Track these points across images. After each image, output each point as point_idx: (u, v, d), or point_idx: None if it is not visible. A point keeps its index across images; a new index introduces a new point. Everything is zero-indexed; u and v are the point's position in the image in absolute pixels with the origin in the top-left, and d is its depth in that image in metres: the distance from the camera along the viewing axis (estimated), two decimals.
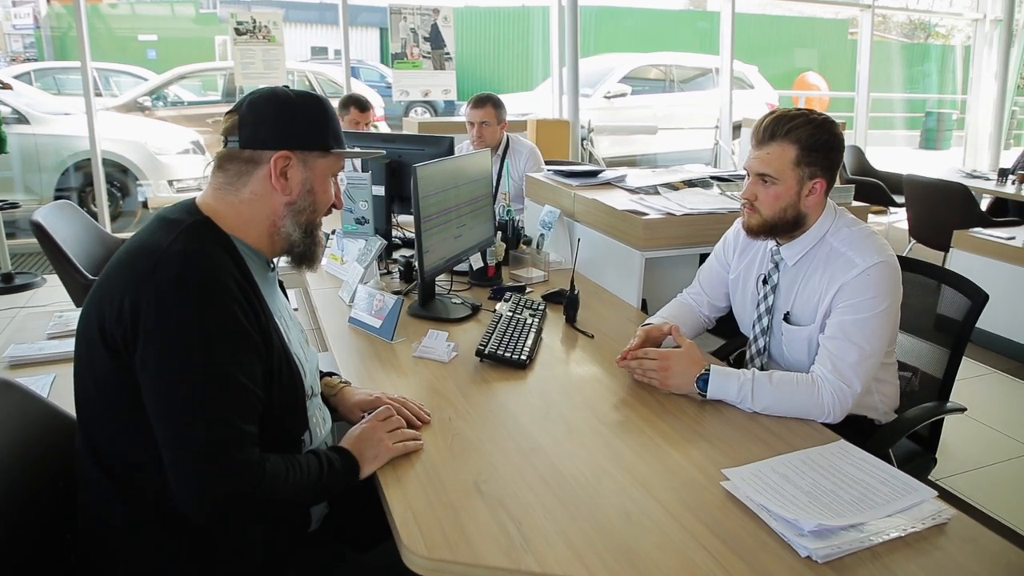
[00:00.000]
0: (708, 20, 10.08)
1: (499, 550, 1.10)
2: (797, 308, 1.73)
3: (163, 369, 1.08)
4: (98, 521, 1.20)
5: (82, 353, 1.16)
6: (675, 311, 1.99)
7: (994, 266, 3.79)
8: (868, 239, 1.64)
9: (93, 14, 9.08)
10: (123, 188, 6.37)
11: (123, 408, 1.12)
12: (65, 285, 2.93)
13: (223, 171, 1.24)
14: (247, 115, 1.23)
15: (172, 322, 1.08)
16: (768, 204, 1.66)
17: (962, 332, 1.86)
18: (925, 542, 1.14)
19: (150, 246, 1.14)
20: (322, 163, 1.29)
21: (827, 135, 1.61)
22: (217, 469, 1.08)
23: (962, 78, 10.34)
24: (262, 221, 1.25)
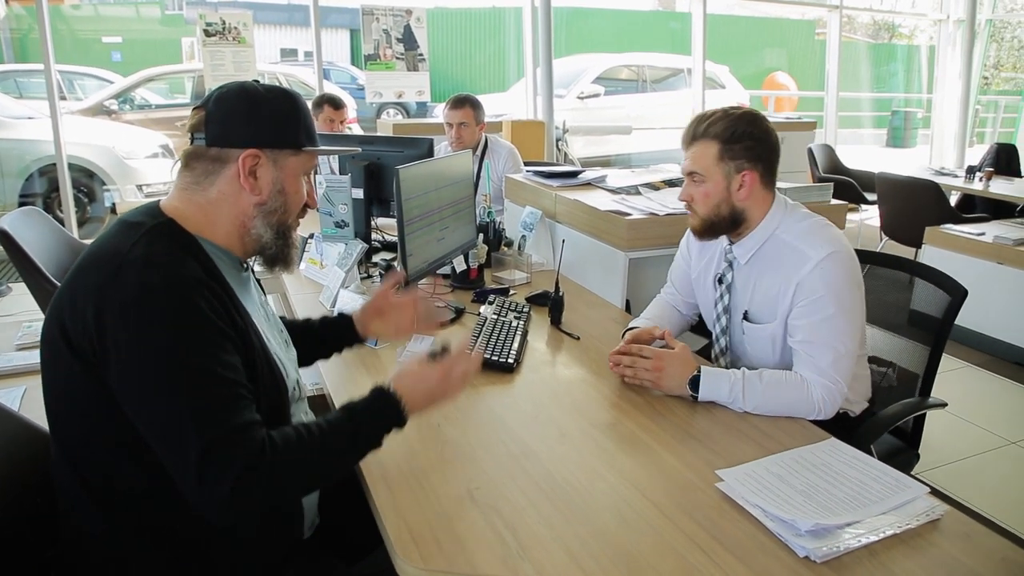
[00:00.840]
0: (679, 21, 10.16)
1: (496, 558, 1.08)
2: (755, 306, 1.73)
3: (141, 381, 1.03)
4: (79, 533, 1.16)
5: (48, 361, 1.12)
6: (658, 311, 1.99)
7: (966, 262, 3.86)
8: (819, 231, 1.64)
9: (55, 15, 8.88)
10: (90, 193, 6.24)
11: (95, 416, 1.08)
12: (33, 293, 2.85)
13: (189, 170, 1.19)
14: (214, 111, 1.17)
15: (141, 331, 1.03)
16: (701, 203, 1.68)
17: (942, 327, 1.87)
18: (921, 539, 1.14)
19: (110, 251, 1.09)
20: (293, 162, 1.23)
21: (745, 126, 1.62)
22: (221, 471, 1.01)
23: (927, 77, 10.53)
24: (230, 221, 1.20)
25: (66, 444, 1.14)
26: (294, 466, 1.08)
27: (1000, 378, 3.60)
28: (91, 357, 1.04)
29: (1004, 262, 3.75)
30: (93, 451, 1.11)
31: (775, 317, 1.67)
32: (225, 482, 1.00)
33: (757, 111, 1.67)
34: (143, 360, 1.03)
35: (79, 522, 1.15)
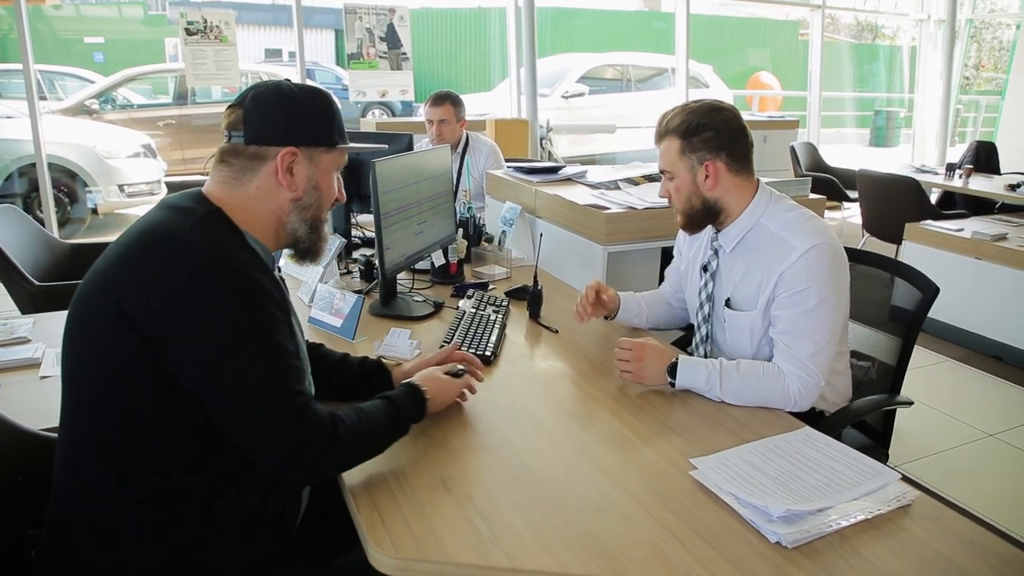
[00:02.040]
0: (664, 20, 10.19)
1: (468, 547, 1.08)
2: (738, 293, 1.74)
3: (219, 358, 1.08)
4: (69, 521, 1.15)
5: (87, 346, 1.12)
6: (652, 297, 2.02)
7: (945, 257, 3.90)
8: (806, 222, 1.65)
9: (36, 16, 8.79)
10: (71, 193, 6.19)
11: (147, 395, 1.09)
12: (10, 292, 2.82)
13: (227, 165, 1.22)
14: (252, 110, 1.21)
15: (217, 310, 1.07)
16: (675, 198, 1.72)
17: (913, 323, 1.87)
18: (891, 523, 1.15)
19: (169, 234, 1.12)
20: (327, 159, 1.28)
21: (701, 117, 1.63)
22: (301, 437, 1.11)
23: (909, 77, 10.62)
24: (268, 217, 1.24)
25: (96, 428, 1.12)
26: (358, 440, 1.20)
27: (979, 372, 3.64)
28: (154, 338, 1.06)
29: (982, 258, 3.79)
30: (130, 435, 1.11)
31: (755, 306, 1.68)
32: (311, 447, 1.11)
33: (719, 102, 1.68)
34: (221, 338, 1.07)
35: (79, 510, 1.14)
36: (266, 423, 1.10)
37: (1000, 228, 3.99)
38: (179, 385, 1.09)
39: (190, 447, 1.13)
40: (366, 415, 1.23)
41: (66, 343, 1.17)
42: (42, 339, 1.95)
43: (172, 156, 7.17)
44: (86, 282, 1.16)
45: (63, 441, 1.17)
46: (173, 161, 7.13)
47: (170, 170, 6.92)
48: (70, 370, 1.16)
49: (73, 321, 1.15)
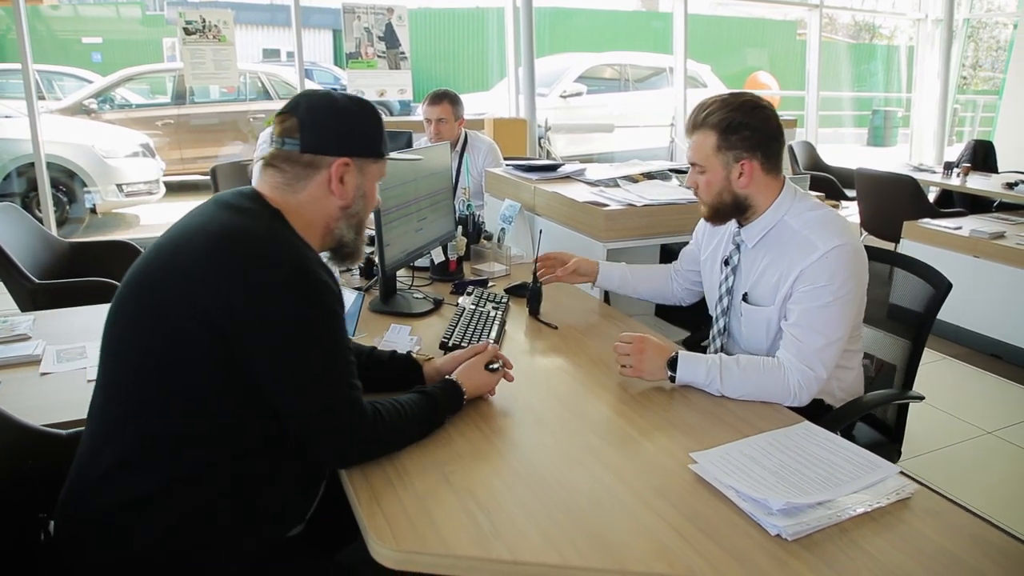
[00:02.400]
0: (661, 20, 10.20)
1: (469, 539, 1.09)
2: (757, 289, 1.74)
3: (293, 351, 1.15)
4: (90, 507, 1.15)
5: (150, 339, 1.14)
6: (645, 269, 2.06)
7: (943, 255, 3.90)
8: (831, 222, 1.64)
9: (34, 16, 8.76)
10: (69, 193, 6.18)
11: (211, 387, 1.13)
12: (10, 290, 2.82)
13: (280, 171, 1.27)
14: (308, 120, 1.26)
15: (293, 308, 1.14)
16: (704, 191, 1.70)
17: (925, 319, 1.86)
18: (891, 516, 1.15)
19: (245, 234, 1.17)
20: (374, 168, 1.35)
21: (743, 116, 1.62)
22: (352, 427, 1.21)
23: (906, 77, 10.63)
24: (317, 222, 1.30)
25: (147, 417, 1.14)
26: (395, 432, 1.29)
27: (977, 370, 3.64)
28: (229, 334, 1.11)
29: (980, 256, 3.79)
30: (184, 425, 1.14)
31: (773, 301, 1.68)
32: (360, 431, 1.21)
33: (758, 98, 1.66)
34: (295, 333, 1.14)
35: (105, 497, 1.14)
36: (325, 412, 1.19)
37: (998, 226, 4.00)
38: (244, 377, 1.14)
39: (242, 438, 1.17)
40: (403, 407, 1.31)
41: (118, 335, 1.19)
42: (42, 336, 1.96)
43: (170, 156, 7.16)
44: (143, 276, 1.20)
45: (98, 428, 1.18)
46: (171, 161, 7.12)
47: (168, 170, 6.91)
48: (122, 360, 1.18)
49: (129, 314, 1.18)
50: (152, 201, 6.55)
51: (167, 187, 6.69)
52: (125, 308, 1.20)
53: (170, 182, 6.87)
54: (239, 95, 7.54)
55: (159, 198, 6.57)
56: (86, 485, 1.16)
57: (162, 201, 6.61)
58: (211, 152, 7.26)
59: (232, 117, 7.47)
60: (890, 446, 1.91)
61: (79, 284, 2.81)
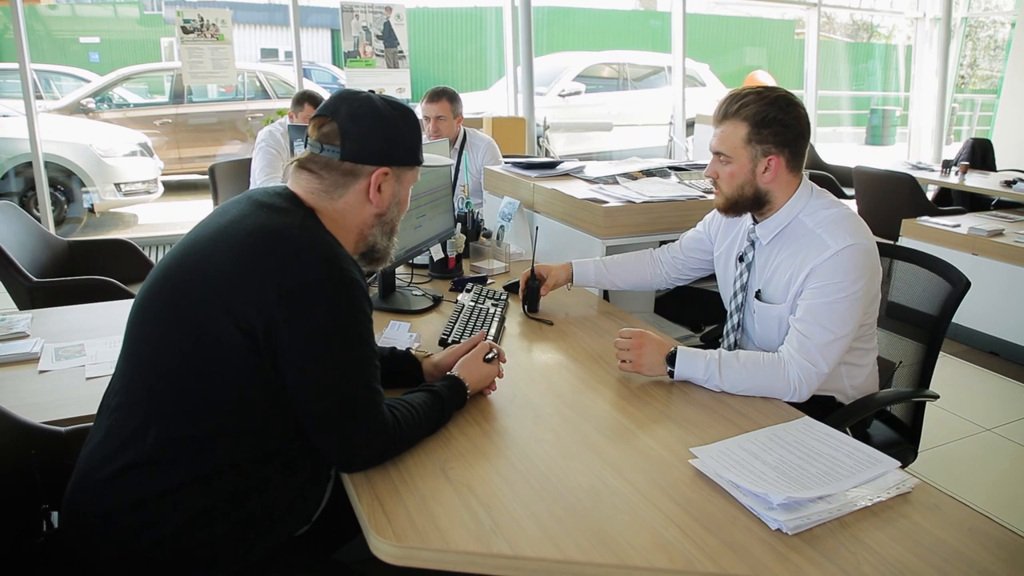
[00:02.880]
0: (660, 19, 10.20)
1: (469, 535, 1.08)
2: (770, 286, 1.74)
3: (325, 353, 1.15)
4: (102, 500, 1.14)
5: (178, 335, 1.14)
6: (625, 258, 2.07)
7: (941, 253, 3.84)
8: (844, 221, 1.63)
9: (31, 16, 8.76)
10: (67, 192, 6.17)
11: (238, 386, 1.13)
12: (8, 288, 2.82)
13: (317, 177, 1.26)
14: (351, 128, 1.25)
15: (328, 309, 1.14)
16: (726, 182, 1.69)
17: (943, 316, 1.84)
18: (891, 511, 1.15)
19: (281, 233, 1.16)
20: (410, 175, 1.35)
21: (777, 111, 1.61)
22: (372, 431, 1.20)
23: (905, 76, 10.64)
24: (352, 229, 1.29)
25: (169, 412, 1.13)
26: (410, 434, 1.29)
27: (975, 367, 3.65)
28: (260, 333, 1.10)
29: (979, 253, 3.80)
30: (207, 423, 1.13)
31: (785, 299, 1.68)
32: (380, 436, 1.21)
33: (791, 95, 1.65)
34: (328, 335, 1.14)
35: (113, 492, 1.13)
36: (347, 414, 1.18)
37: (996, 224, 4.00)
38: (273, 378, 1.13)
39: (262, 439, 1.17)
40: (416, 409, 1.31)
41: (144, 333, 1.19)
42: (40, 334, 1.95)
43: (168, 155, 7.15)
44: (174, 274, 1.19)
45: (116, 425, 1.17)
46: (170, 160, 7.11)
47: (167, 169, 6.91)
48: (147, 359, 1.17)
49: (158, 312, 1.18)
50: (150, 200, 6.54)
51: (165, 186, 6.69)
52: (153, 307, 1.19)
53: (168, 181, 6.86)
54: (237, 94, 7.54)
55: (157, 197, 6.56)
56: (99, 480, 1.15)
57: (160, 200, 6.61)
58: (209, 151, 7.26)
59: (230, 116, 7.46)
60: (906, 446, 1.88)
61: (77, 283, 2.80)
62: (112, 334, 1.93)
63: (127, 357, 1.21)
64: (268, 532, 1.20)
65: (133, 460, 1.13)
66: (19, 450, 1.30)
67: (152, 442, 1.13)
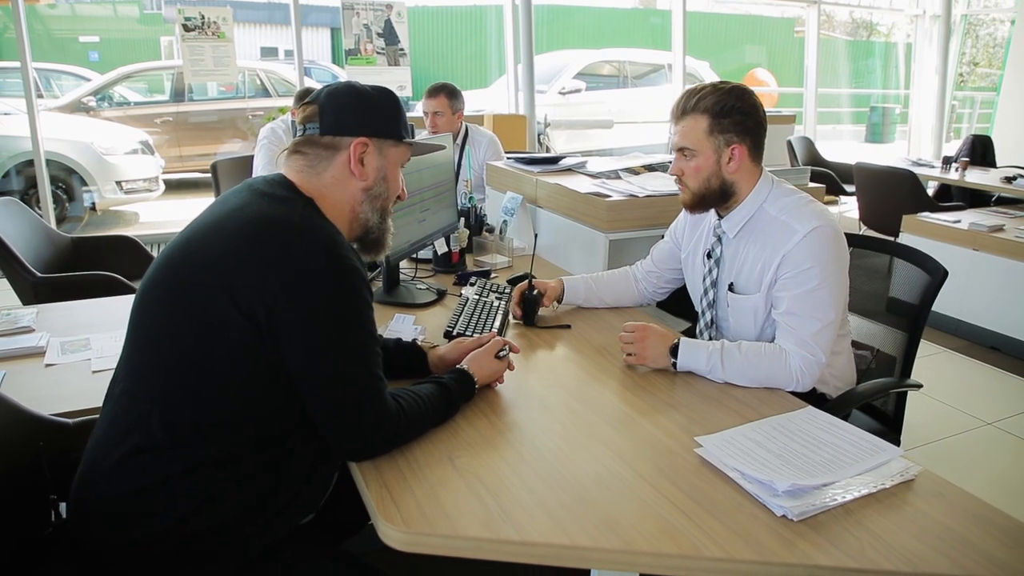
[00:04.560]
0: (660, 17, 10.21)
1: (477, 521, 1.09)
2: (741, 278, 1.75)
3: (328, 340, 1.15)
4: (109, 488, 1.15)
5: (182, 325, 1.15)
6: (608, 276, 2.07)
7: (942, 248, 3.91)
8: (806, 205, 1.66)
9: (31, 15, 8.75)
10: (69, 190, 6.17)
11: (240, 374, 1.14)
12: (12, 283, 2.83)
13: (302, 155, 1.29)
14: (327, 104, 1.29)
15: (330, 296, 1.15)
16: (692, 177, 1.70)
17: (922, 307, 1.86)
18: (895, 498, 1.16)
19: (281, 221, 1.18)
20: (394, 152, 1.36)
21: (735, 100, 1.64)
22: (375, 418, 1.21)
23: (904, 74, 10.65)
24: (344, 206, 1.31)
25: (174, 401, 1.14)
26: (415, 424, 1.30)
27: (976, 362, 3.65)
28: (263, 321, 1.12)
29: (980, 249, 3.81)
30: (211, 411, 1.14)
31: (759, 288, 1.69)
32: (383, 424, 1.22)
33: (745, 86, 1.68)
34: (331, 322, 1.15)
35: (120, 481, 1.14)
36: (351, 403, 1.19)
37: (997, 219, 4.01)
38: (276, 365, 1.14)
39: (266, 425, 1.18)
40: (422, 399, 1.32)
41: (148, 321, 1.20)
42: (45, 328, 1.96)
43: (169, 153, 7.16)
44: (175, 262, 1.20)
45: (122, 413, 1.18)
46: (171, 158, 7.12)
47: (168, 167, 6.91)
48: (151, 347, 1.18)
49: (161, 301, 1.19)
50: (151, 199, 6.55)
51: (166, 184, 6.69)
52: (156, 294, 1.20)
53: (169, 179, 6.87)
54: (238, 92, 7.54)
55: (158, 195, 6.56)
56: (104, 468, 1.16)
57: (161, 198, 6.61)
58: (210, 149, 7.26)
59: (231, 114, 7.46)
60: (889, 436, 1.89)
61: (81, 278, 2.81)
62: (117, 328, 1.93)
63: (131, 344, 1.22)
64: (274, 519, 1.20)
65: (136, 446, 1.14)
66: (27, 441, 1.32)
67: (155, 428, 1.14)
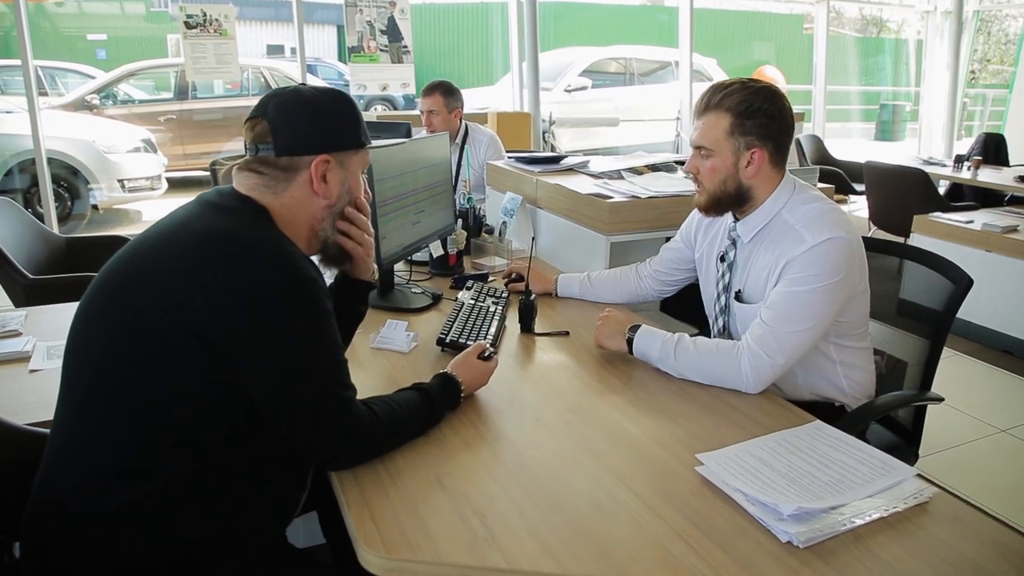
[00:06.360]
0: (667, 14, 10.12)
1: (463, 546, 1.03)
2: (749, 286, 1.67)
3: (287, 354, 1.09)
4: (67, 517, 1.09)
5: (127, 340, 1.07)
6: (608, 273, 2.05)
7: (954, 250, 3.82)
8: (825, 215, 1.56)
9: (38, 13, 8.78)
10: (71, 189, 6.14)
11: (191, 391, 1.07)
12: (3, 285, 2.78)
13: (257, 175, 1.19)
14: (279, 121, 1.18)
15: (285, 310, 1.08)
16: (708, 177, 1.62)
17: (944, 317, 1.78)
18: (908, 522, 1.09)
19: (230, 234, 1.11)
20: (356, 160, 1.27)
21: (762, 101, 1.55)
22: (346, 431, 1.16)
23: (915, 71, 10.53)
24: (303, 224, 1.23)
25: (125, 420, 1.07)
26: (390, 435, 1.25)
27: (989, 366, 3.57)
28: (212, 337, 1.05)
29: (993, 250, 3.72)
30: (166, 429, 1.07)
31: (764, 297, 1.60)
32: (355, 435, 1.17)
33: (777, 88, 1.59)
34: (289, 336, 1.09)
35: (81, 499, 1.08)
36: (319, 416, 1.14)
37: (1010, 220, 3.92)
38: (230, 381, 1.08)
39: (223, 446, 1.11)
40: (399, 405, 1.27)
41: (88, 338, 1.12)
42: (33, 332, 1.91)
43: (173, 151, 7.13)
44: (119, 277, 1.13)
45: (67, 437, 1.11)
46: (174, 156, 7.10)
47: (171, 165, 6.89)
48: (94, 366, 1.10)
49: (103, 317, 1.11)
50: (154, 197, 6.52)
51: (169, 183, 6.66)
52: (98, 311, 1.13)
53: (172, 178, 6.84)
54: (242, 90, 7.50)
55: (161, 194, 6.53)
56: (59, 497, 1.10)
57: (164, 197, 6.58)
58: (214, 148, 7.23)
59: (235, 112, 7.42)
60: (906, 449, 1.81)
61: (73, 279, 2.76)
62: None
63: (72, 365, 1.13)
64: (240, 543, 1.14)
65: (89, 471, 1.08)
66: None
67: (106, 451, 1.07)
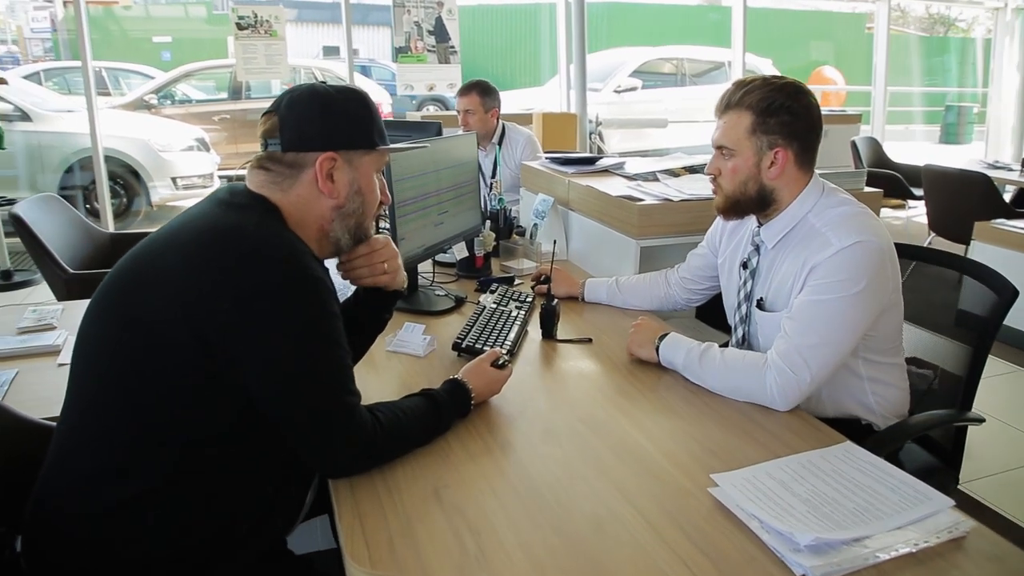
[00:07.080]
0: (720, 13, 9.92)
1: (451, 564, 0.98)
2: (772, 293, 1.58)
3: (290, 355, 1.07)
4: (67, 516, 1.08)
5: (134, 336, 1.06)
6: (637, 279, 2.00)
7: (1018, 258, 3.61)
8: (854, 218, 1.47)
9: (107, 16, 9.11)
10: (128, 186, 6.32)
11: (192, 392, 1.06)
12: (46, 279, 2.85)
13: (266, 171, 1.18)
14: (287, 116, 1.17)
15: (289, 309, 1.06)
16: (728, 179, 1.54)
17: (986, 329, 1.66)
18: (940, 559, 0.99)
19: (236, 230, 1.09)
20: (367, 161, 1.23)
21: (785, 98, 1.46)
22: (348, 437, 1.12)
23: (983, 71, 10.09)
24: (311, 224, 1.20)
25: (129, 417, 1.07)
26: (394, 442, 1.20)
27: None
28: (212, 336, 1.03)
29: None
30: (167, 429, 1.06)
31: (787, 305, 1.51)
32: (358, 442, 1.13)
33: (801, 84, 1.51)
34: (293, 336, 1.06)
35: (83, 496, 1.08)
36: (319, 420, 1.10)
37: None
38: (232, 382, 1.06)
39: (223, 446, 1.10)
40: (404, 413, 1.22)
41: (97, 335, 1.12)
42: (68, 326, 1.94)
43: (226, 150, 7.30)
44: (127, 275, 1.12)
45: (71, 435, 1.11)
46: (227, 155, 7.26)
47: (224, 163, 7.04)
48: (102, 363, 1.10)
49: (111, 315, 1.11)
50: (206, 194, 6.66)
51: (222, 181, 6.80)
52: (105, 308, 1.13)
53: (226, 176, 6.99)
54: None
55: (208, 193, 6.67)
56: (60, 495, 1.10)
57: None
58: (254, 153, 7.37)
59: None
60: (945, 472, 1.70)
61: None
62: None
63: (81, 361, 1.13)
64: (239, 545, 1.12)
65: (92, 469, 1.07)
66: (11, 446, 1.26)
67: (109, 449, 1.07)
